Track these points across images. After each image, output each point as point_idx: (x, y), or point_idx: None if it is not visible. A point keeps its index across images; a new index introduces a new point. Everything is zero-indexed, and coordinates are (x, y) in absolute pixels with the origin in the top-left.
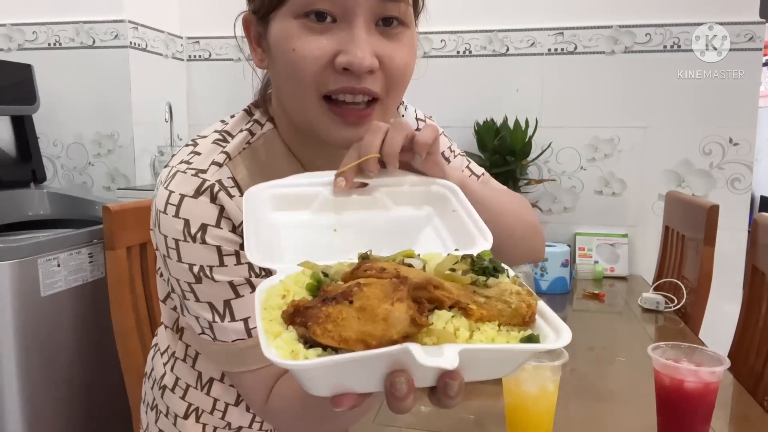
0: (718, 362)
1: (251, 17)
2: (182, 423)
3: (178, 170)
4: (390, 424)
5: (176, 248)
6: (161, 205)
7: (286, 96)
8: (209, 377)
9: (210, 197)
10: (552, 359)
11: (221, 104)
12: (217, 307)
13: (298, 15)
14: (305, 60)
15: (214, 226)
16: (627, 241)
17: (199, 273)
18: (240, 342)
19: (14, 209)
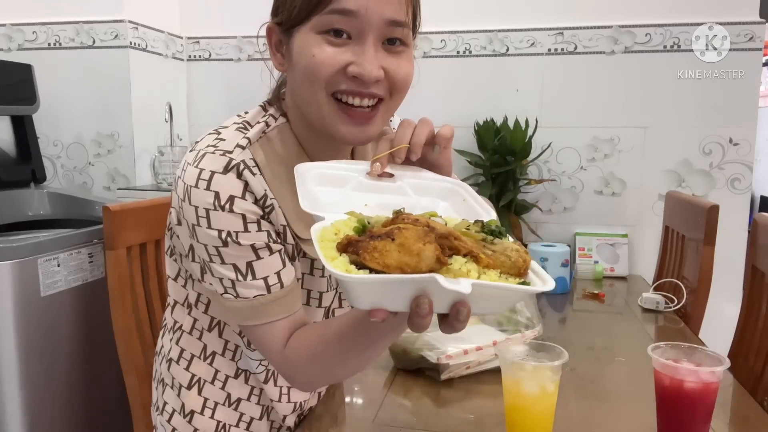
0: (718, 362)
1: (275, 27)
2: (186, 393)
3: (207, 152)
4: (390, 424)
5: (207, 217)
6: (192, 180)
7: (301, 95)
8: (212, 350)
9: (236, 174)
10: (552, 359)
11: (221, 104)
12: (240, 267)
13: (319, 31)
14: (322, 64)
15: (240, 198)
16: (627, 241)
17: (227, 238)
18: (260, 297)
19: (14, 209)
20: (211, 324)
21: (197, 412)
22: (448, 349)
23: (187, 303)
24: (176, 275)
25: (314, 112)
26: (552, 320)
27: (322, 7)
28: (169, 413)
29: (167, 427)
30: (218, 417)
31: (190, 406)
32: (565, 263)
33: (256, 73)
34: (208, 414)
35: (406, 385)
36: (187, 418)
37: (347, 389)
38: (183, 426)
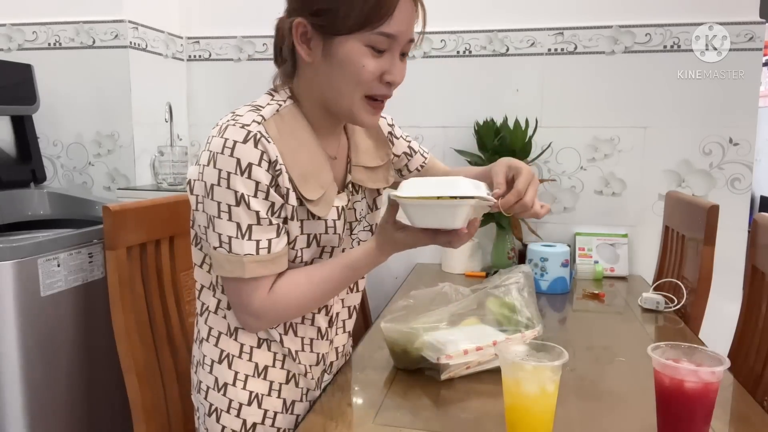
0: (718, 362)
1: (308, 25)
2: (217, 368)
3: (229, 125)
4: (390, 424)
5: (227, 178)
6: (218, 148)
7: (334, 88)
8: (235, 326)
9: (254, 143)
10: (552, 359)
11: (221, 104)
12: (242, 227)
13: (366, 44)
14: (369, 73)
15: (256, 165)
16: (627, 241)
17: (240, 198)
18: (248, 257)
19: (14, 209)
20: None
21: (230, 384)
22: (448, 349)
23: (211, 285)
24: (201, 262)
25: (345, 103)
26: (552, 320)
27: (371, 28)
28: (205, 390)
29: (205, 404)
30: (250, 388)
31: (223, 379)
32: (565, 263)
33: (256, 73)
34: (240, 386)
35: (406, 385)
36: (221, 391)
37: (347, 389)
38: (219, 400)
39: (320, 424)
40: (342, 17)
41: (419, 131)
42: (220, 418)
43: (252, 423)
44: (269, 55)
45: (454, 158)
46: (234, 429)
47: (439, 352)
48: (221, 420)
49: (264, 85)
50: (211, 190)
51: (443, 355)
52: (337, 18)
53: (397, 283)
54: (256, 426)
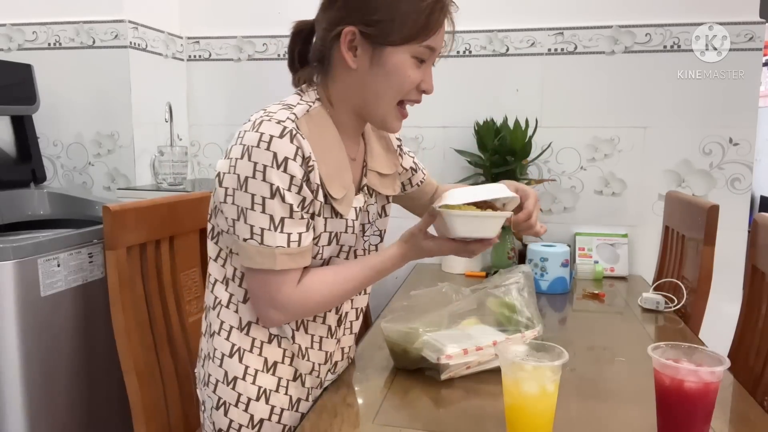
0: (718, 362)
1: (357, 34)
2: (228, 362)
3: (264, 119)
4: (390, 424)
5: (263, 171)
6: (253, 141)
7: (373, 94)
8: (247, 321)
9: (290, 138)
10: (552, 359)
11: (221, 104)
12: (275, 219)
13: (412, 55)
14: (412, 83)
15: (292, 160)
16: (627, 241)
17: (276, 191)
18: (279, 249)
19: (14, 209)
20: (245, 296)
21: (239, 378)
22: (448, 349)
23: (225, 279)
24: (216, 255)
25: (380, 109)
26: (552, 320)
27: (419, 41)
28: (213, 384)
29: (213, 397)
30: (259, 383)
31: (233, 373)
32: (565, 263)
33: (256, 73)
34: (249, 380)
35: (406, 385)
36: (230, 385)
37: (347, 389)
38: (228, 393)
39: (321, 423)
40: (396, 30)
41: (419, 131)
42: (228, 412)
43: (259, 419)
44: (269, 55)
45: (454, 158)
46: (241, 423)
47: (439, 352)
48: (229, 414)
49: (264, 85)
50: (245, 183)
51: (443, 355)
52: (391, 30)
53: (397, 283)
54: (263, 422)
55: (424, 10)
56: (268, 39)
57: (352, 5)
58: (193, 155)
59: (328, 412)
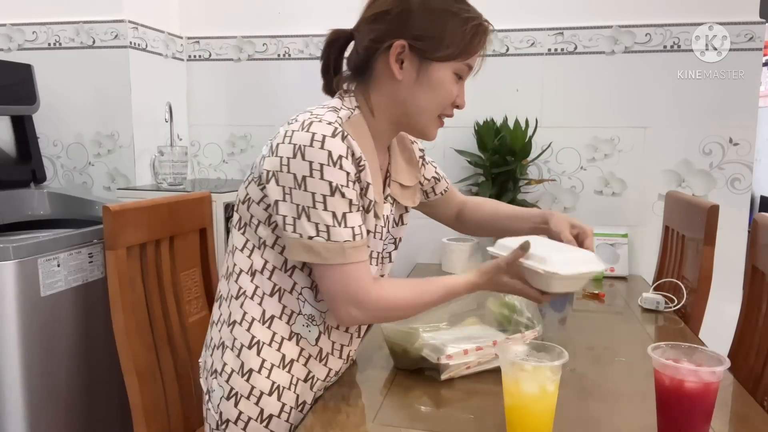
0: (718, 362)
1: (406, 47)
2: (246, 353)
3: (313, 121)
4: (390, 424)
5: (320, 170)
6: (306, 141)
7: (416, 105)
8: (271, 314)
9: (341, 138)
10: (552, 359)
11: (221, 104)
12: (337, 215)
13: (454, 71)
14: (452, 98)
15: (345, 158)
16: (627, 241)
17: (335, 188)
18: (347, 243)
19: (14, 209)
20: (272, 290)
21: (255, 371)
22: (449, 349)
23: (252, 270)
24: (243, 246)
25: (423, 120)
26: (552, 320)
27: (462, 59)
28: (228, 373)
29: (225, 387)
30: (273, 378)
31: (249, 365)
32: None
33: (256, 73)
34: (264, 374)
35: (406, 385)
36: (245, 377)
37: (347, 389)
38: (241, 384)
39: (321, 423)
40: (443, 47)
41: None
42: (238, 403)
43: (269, 414)
44: (269, 55)
45: (454, 158)
46: (250, 416)
47: (439, 352)
48: (239, 405)
49: (264, 85)
50: (303, 182)
51: (443, 355)
52: (438, 47)
53: None
54: (272, 418)
55: (470, 31)
56: (268, 39)
57: (403, 20)
58: (193, 155)
59: (328, 412)
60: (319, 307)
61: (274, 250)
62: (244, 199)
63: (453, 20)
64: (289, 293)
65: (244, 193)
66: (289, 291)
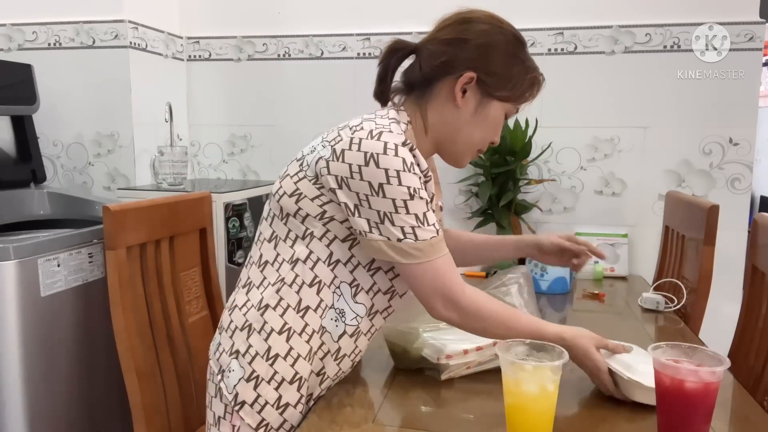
0: (718, 362)
1: (473, 80)
2: (275, 338)
3: (382, 131)
4: (390, 424)
5: (397, 176)
6: (379, 149)
7: (462, 133)
8: (306, 305)
9: (410, 149)
10: (552, 359)
11: (221, 104)
12: (419, 216)
13: (505, 110)
14: (495, 135)
15: (416, 164)
16: (627, 241)
17: (413, 192)
18: (434, 238)
19: (14, 209)
20: (312, 281)
21: (281, 357)
22: (448, 349)
23: (293, 259)
24: (286, 236)
25: (464, 148)
26: (552, 320)
27: (515, 102)
28: (252, 356)
29: (247, 369)
30: (297, 368)
31: (276, 350)
32: None
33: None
34: (290, 362)
35: (406, 385)
36: (270, 361)
37: (348, 389)
38: (265, 369)
39: (321, 423)
40: (507, 88)
41: None
42: (258, 386)
43: (286, 402)
44: (269, 55)
45: None
46: (268, 401)
47: (439, 352)
48: (259, 388)
49: (264, 85)
50: (380, 189)
51: (443, 355)
52: (503, 87)
53: None
54: (288, 406)
55: (529, 80)
56: (268, 39)
57: (481, 54)
58: (193, 155)
59: (328, 412)
60: (351, 305)
61: (321, 243)
62: (292, 193)
63: (520, 66)
64: (328, 286)
65: (293, 187)
66: (328, 284)
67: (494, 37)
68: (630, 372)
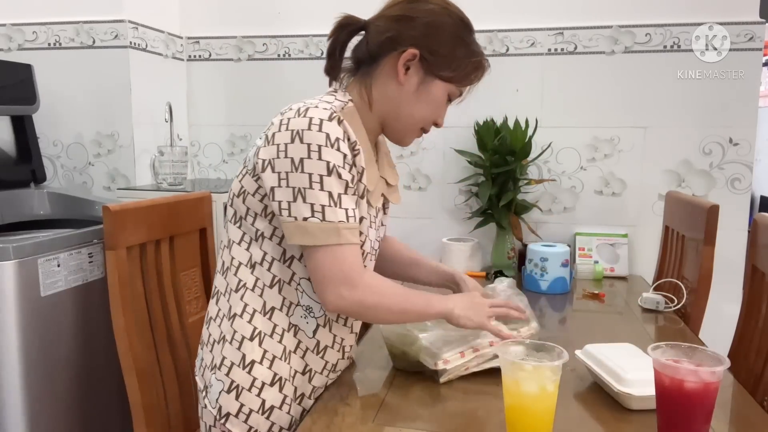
0: (718, 362)
1: (416, 57)
2: (247, 345)
3: (309, 107)
4: (390, 424)
5: (318, 151)
6: (304, 125)
7: (402, 112)
8: (271, 306)
9: (337, 122)
10: (552, 359)
11: (221, 104)
12: (333, 195)
13: (448, 92)
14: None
15: (342, 140)
16: (627, 241)
17: (332, 168)
18: (341, 223)
19: (14, 209)
20: (272, 281)
21: (257, 362)
22: (445, 354)
23: (252, 263)
24: (240, 239)
25: (407, 126)
26: (552, 320)
27: (459, 84)
28: (228, 366)
29: (226, 381)
30: (275, 369)
31: (251, 357)
32: (565, 263)
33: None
34: (266, 365)
35: (406, 385)
36: (246, 368)
37: (347, 389)
38: (243, 377)
39: (321, 423)
40: (450, 68)
41: None
42: (239, 396)
43: (270, 405)
44: (269, 55)
45: (454, 158)
46: (252, 408)
47: (435, 357)
48: (241, 398)
49: (264, 85)
50: (300, 164)
51: (440, 360)
52: (446, 66)
53: None
54: (273, 409)
55: (473, 63)
56: (268, 39)
57: (426, 32)
58: (193, 155)
59: (328, 412)
60: (316, 298)
61: (272, 242)
62: (239, 193)
63: (464, 49)
64: (288, 284)
65: (238, 186)
66: (288, 282)
67: (441, 18)
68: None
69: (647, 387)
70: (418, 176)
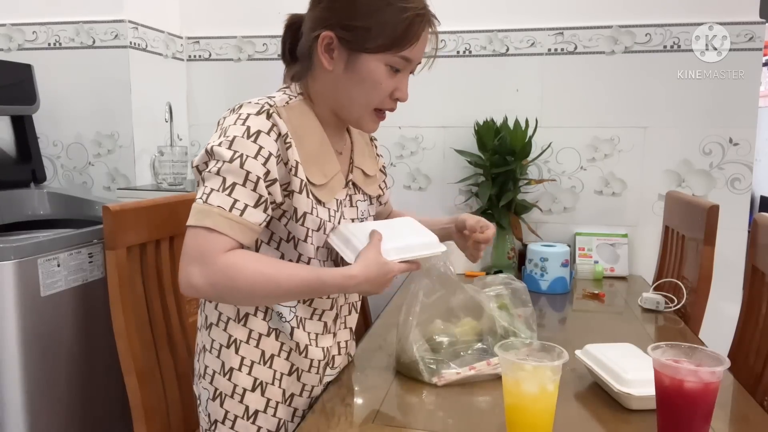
0: (718, 362)
1: (334, 38)
2: (225, 353)
3: (244, 103)
4: (390, 424)
5: (231, 141)
6: (231, 121)
7: (347, 97)
8: (245, 312)
9: (266, 116)
10: (552, 359)
11: (221, 104)
12: (226, 182)
13: (386, 64)
14: (385, 91)
15: (265, 133)
16: (627, 241)
17: (237, 157)
18: (220, 209)
19: (14, 209)
20: None
21: (236, 369)
22: (442, 373)
23: None
24: None
25: (354, 112)
26: (552, 320)
27: (395, 52)
28: (210, 375)
29: (210, 389)
30: (255, 374)
31: (230, 364)
32: (565, 263)
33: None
34: (245, 371)
35: (406, 385)
36: (227, 376)
37: (347, 389)
38: (224, 384)
39: (320, 424)
40: (372, 38)
41: (419, 131)
42: (223, 403)
43: (254, 410)
44: (269, 55)
45: (454, 158)
46: (237, 414)
47: (432, 373)
48: (225, 405)
49: (264, 85)
50: (211, 152)
51: (438, 376)
52: (367, 38)
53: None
54: (258, 413)
55: (403, 22)
56: (268, 39)
57: (333, 8)
58: (193, 155)
59: (327, 413)
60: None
61: None
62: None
63: (386, 11)
64: None
65: None
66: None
67: None
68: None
69: (647, 387)
70: (418, 176)
